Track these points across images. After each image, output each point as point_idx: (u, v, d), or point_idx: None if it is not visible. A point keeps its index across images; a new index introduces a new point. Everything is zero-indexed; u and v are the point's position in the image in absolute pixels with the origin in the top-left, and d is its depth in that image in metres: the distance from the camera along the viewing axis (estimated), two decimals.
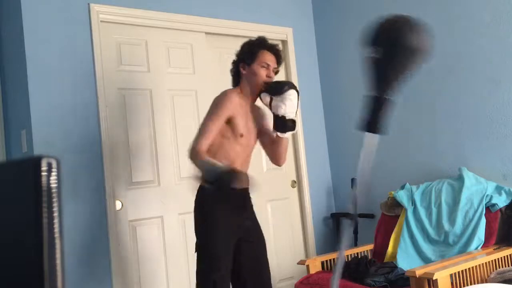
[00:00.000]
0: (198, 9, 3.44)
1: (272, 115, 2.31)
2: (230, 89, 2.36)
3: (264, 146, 2.52)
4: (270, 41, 2.41)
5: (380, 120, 1.30)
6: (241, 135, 2.28)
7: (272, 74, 2.32)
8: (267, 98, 2.27)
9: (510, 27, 2.85)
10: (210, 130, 2.18)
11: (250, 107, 2.38)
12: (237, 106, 2.27)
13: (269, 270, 2.41)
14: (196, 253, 2.26)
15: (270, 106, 2.27)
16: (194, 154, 2.11)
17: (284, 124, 2.25)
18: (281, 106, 2.21)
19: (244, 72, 2.35)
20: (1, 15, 3.13)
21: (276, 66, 2.35)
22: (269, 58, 2.31)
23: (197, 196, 2.30)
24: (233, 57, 2.49)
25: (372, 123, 1.30)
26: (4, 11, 3.08)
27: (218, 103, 2.27)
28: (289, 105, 2.21)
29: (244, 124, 2.30)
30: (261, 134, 2.48)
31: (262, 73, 2.29)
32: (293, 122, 2.26)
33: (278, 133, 2.29)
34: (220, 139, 2.24)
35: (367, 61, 1.30)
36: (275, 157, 2.46)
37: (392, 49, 1.27)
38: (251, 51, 2.33)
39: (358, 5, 3.78)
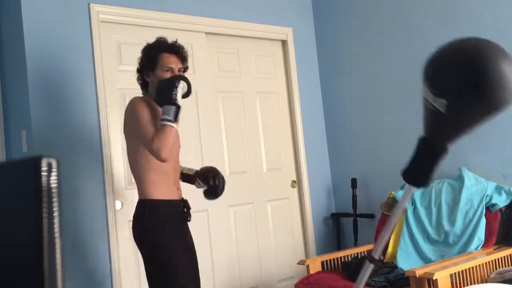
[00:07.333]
0: (198, 9, 3.44)
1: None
2: (135, 97, 2.27)
3: None
4: (172, 41, 2.28)
5: (430, 173, 0.98)
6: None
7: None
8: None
9: (510, 27, 2.85)
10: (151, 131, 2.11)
11: None
12: (149, 111, 2.18)
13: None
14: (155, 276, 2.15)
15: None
16: (159, 145, 2.04)
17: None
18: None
19: (149, 80, 2.27)
20: (1, 15, 3.13)
21: (181, 65, 2.27)
22: (171, 60, 2.23)
23: (145, 215, 2.18)
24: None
25: (420, 175, 0.99)
26: (4, 11, 3.08)
27: (135, 111, 2.18)
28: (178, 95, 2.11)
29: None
30: None
31: (167, 77, 2.20)
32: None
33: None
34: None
35: (425, 106, 0.96)
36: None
37: (465, 97, 0.85)
38: (150, 57, 2.25)
39: (358, 5, 3.78)
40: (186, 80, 2.13)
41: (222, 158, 3.51)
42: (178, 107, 2.06)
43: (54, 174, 0.68)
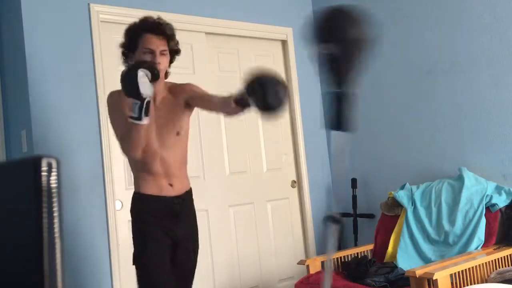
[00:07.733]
0: (198, 9, 3.44)
1: None
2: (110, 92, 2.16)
3: (212, 109, 2.30)
4: (158, 19, 2.10)
5: (346, 116, 1.25)
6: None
7: (159, 59, 2.03)
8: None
9: (510, 27, 2.85)
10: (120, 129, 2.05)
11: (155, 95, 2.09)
12: (116, 104, 2.08)
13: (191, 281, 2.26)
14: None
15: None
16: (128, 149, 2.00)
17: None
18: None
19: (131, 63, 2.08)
20: (1, 15, 3.13)
21: (164, 47, 2.06)
22: (152, 42, 2.02)
23: (131, 208, 2.18)
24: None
25: (339, 121, 1.25)
26: (4, 12, 3.08)
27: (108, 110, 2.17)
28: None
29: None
30: (196, 104, 2.28)
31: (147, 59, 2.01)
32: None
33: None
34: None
35: (318, 57, 1.28)
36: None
37: (340, 43, 1.27)
38: (131, 39, 2.07)
39: (358, 5, 3.77)
40: (147, 66, 1.86)
41: (222, 158, 3.51)
42: (143, 102, 1.82)
43: (54, 174, 0.68)
